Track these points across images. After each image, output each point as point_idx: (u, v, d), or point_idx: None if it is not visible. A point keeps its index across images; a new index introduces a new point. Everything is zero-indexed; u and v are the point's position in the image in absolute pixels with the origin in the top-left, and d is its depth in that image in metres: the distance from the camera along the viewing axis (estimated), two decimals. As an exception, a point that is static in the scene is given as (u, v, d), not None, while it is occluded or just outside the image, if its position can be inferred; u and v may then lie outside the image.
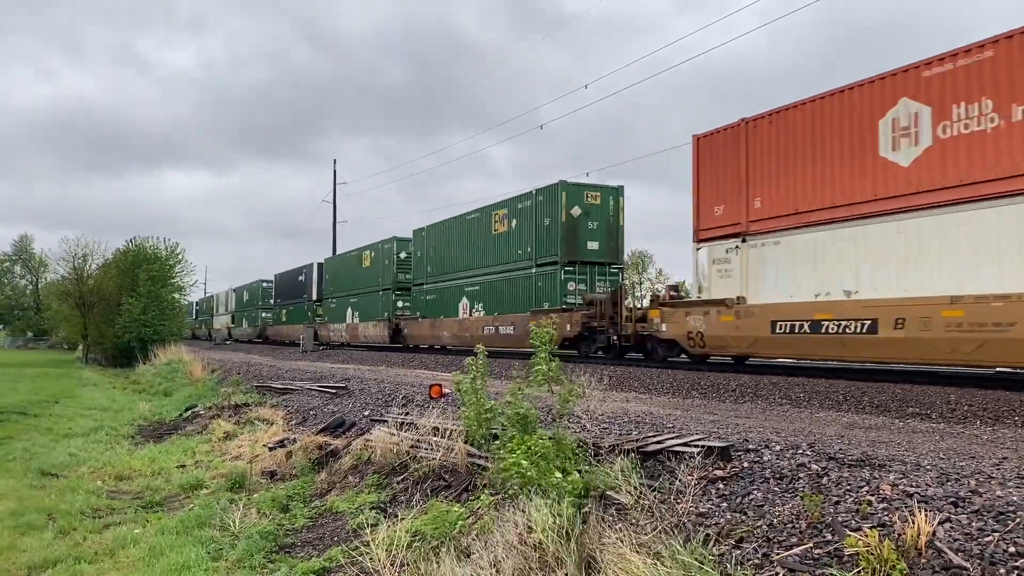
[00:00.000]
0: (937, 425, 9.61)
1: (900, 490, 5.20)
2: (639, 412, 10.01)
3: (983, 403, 10.70)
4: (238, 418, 16.84)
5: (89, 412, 21.38)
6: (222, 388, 22.98)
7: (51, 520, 9.64)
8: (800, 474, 5.90)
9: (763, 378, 14.83)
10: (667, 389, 14.85)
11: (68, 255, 55.17)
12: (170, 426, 18.48)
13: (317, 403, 15.67)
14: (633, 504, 6.12)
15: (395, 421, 11.13)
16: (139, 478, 12.42)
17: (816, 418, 10.28)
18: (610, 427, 8.44)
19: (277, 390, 18.96)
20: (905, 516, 4.74)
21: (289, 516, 9.39)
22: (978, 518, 4.64)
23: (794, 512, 5.32)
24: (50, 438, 16.32)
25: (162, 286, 48.42)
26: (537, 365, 7.89)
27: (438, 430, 9.83)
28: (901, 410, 11.05)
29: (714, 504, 5.89)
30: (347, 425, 12.81)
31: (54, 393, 26.53)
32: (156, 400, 25.26)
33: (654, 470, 6.73)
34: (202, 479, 11.79)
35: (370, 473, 10.14)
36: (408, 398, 13.25)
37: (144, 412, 21.13)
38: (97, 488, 11.63)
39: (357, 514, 8.65)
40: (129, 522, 9.69)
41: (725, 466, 6.42)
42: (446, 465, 8.95)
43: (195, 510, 9.79)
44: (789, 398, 12.76)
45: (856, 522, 4.93)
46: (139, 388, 31.24)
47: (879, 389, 12.49)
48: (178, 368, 32.92)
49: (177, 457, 13.93)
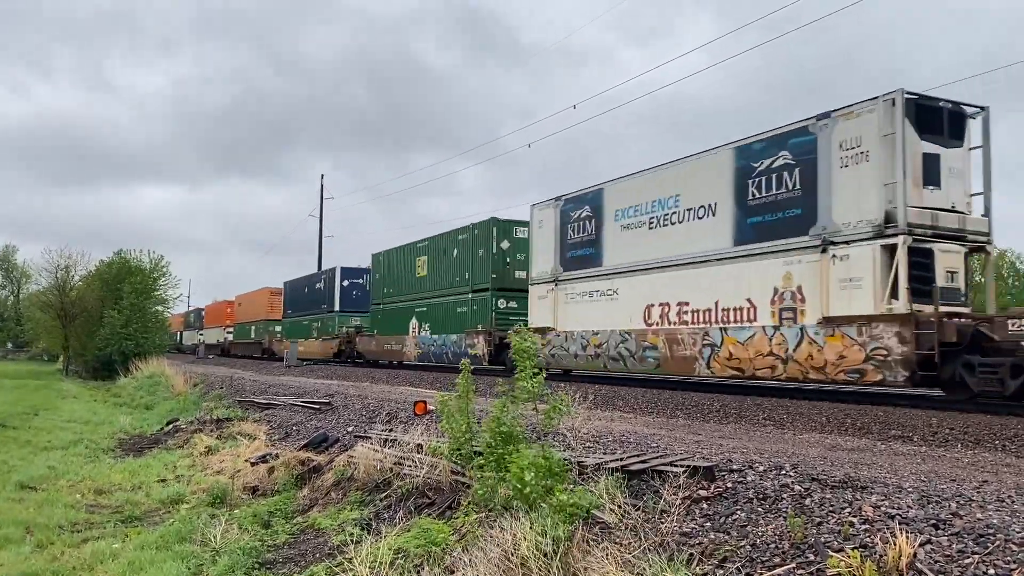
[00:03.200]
0: (919, 448, 9.68)
1: (882, 511, 5.24)
2: (624, 431, 10.02)
3: (964, 427, 10.78)
4: (220, 432, 16.71)
5: (69, 425, 21.17)
6: (204, 402, 22.81)
7: (28, 534, 9.53)
8: (783, 495, 5.93)
9: (747, 399, 14.89)
10: (652, 408, 14.87)
11: (51, 266, 54.76)
12: (151, 440, 18.31)
13: (300, 418, 15.58)
14: (618, 523, 6.13)
15: (379, 438, 11.09)
16: (119, 492, 12.30)
17: (799, 439, 10.32)
18: (595, 446, 8.45)
19: (260, 405, 18.84)
20: (887, 537, 4.77)
21: (271, 532, 9.32)
22: (959, 540, 4.68)
23: (777, 532, 5.35)
24: (29, 451, 16.14)
25: (146, 299, 48.11)
26: (520, 381, 7.89)
27: (422, 447, 9.81)
28: (883, 432, 11.12)
29: (698, 524, 5.90)
30: (330, 441, 12.75)
31: (34, 405, 26.23)
32: (137, 413, 25.03)
33: (638, 489, 6.74)
34: (183, 494, 11.70)
35: (353, 489, 10.09)
36: (392, 414, 13.21)
37: (125, 425, 20.94)
38: (76, 502, 11.51)
39: (340, 531, 8.60)
40: (108, 536, 9.59)
41: (709, 486, 6.44)
42: (430, 482, 8.92)
43: (175, 525, 9.71)
44: (773, 419, 12.81)
45: (839, 543, 4.96)
46: (120, 401, 30.96)
47: (861, 411, 12.57)
48: (160, 381, 32.66)
49: (158, 471, 13.80)
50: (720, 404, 14.49)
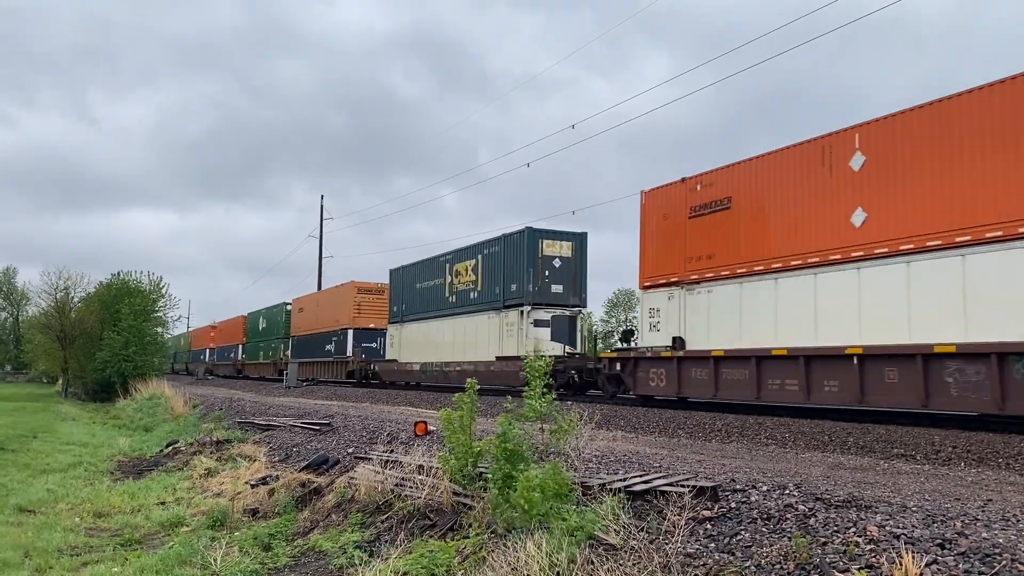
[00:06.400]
0: (922, 467, 9.65)
1: (887, 531, 5.21)
2: (626, 451, 9.99)
3: (967, 445, 10.75)
4: (220, 454, 16.64)
5: (68, 447, 21.07)
6: (204, 424, 22.73)
7: (27, 558, 9.46)
8: (787, 515, 5.90)
9: (749, 418, 14.85)
10: (653, 428, 14.83)
11: (50, 288, 54.72)
12: (151, 462, 18.23)
13: (300, 440, 15.52)
14: (622, 544, 6.09)
15: (379, 459, 11.04)
16: (118, 515, 12.22)
17: (802, 458, 10.29)
18: (598, 466, 8.42)
19: (260, 426, 18.77)
20: (893, 557, 4.75)
21: (271, 555, 9.26)
22: (965, 560, 4.65)
23: (782, 553, 5.32)
24: (28, 473, 16.06)
25: (144, 320, 48.04)
26: (529, 399, 7.86)
27: (423, 468, 9.77)
28: (886, 451, 11.09)
29: (702, 544, 5.87)
30: (330, 462, 12.70)
31: (32, 427, 26.10)
32: (136, 435, 24.92)
33: (642, 510, 6.71)
34: (183, 516, 11.63)
35: (354, 511, 10.04)
36: (393, 435, 13.16)
37: (124, 448, 20.85)
38: (75, 525, 11.43)
39: (341, 553, 8.55)
40: (107, 560, 9.52)
41: (713, 506, 6.41)
42: (431, 504, 8.87)
43: (175, 548, 9.63)
44: (775, 438, 12.78)
45: (844, 563, 4.94)
46: (119, 423, 30.83)
47: (864, 430, 12.54)
48: (159, 403, 32.54)
49: (157, 494, 13.73)
50: (722, 423, 14.45)
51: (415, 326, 32.03)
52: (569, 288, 24.95)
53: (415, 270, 32.59)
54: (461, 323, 28.19)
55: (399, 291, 33.97)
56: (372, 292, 40.43)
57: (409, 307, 32.74)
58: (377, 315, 39.13)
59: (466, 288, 28.08)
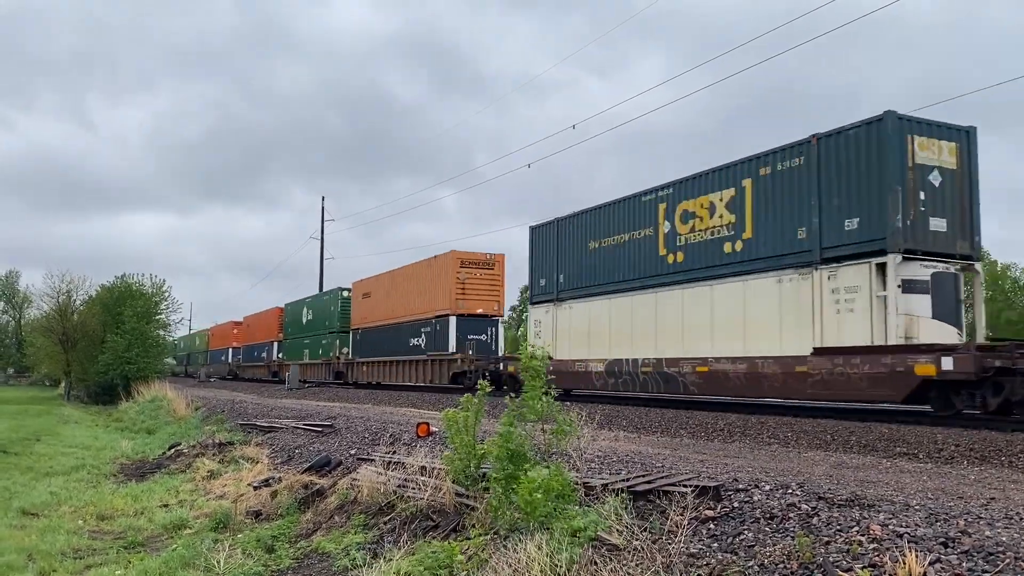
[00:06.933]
0: (924, 465, 9.64)
1: (890, 530, 5.21)
2: (629, 451, 9.99)
3: (969, 443, 10.74)
4: (222, 456, 16.65)
5: (71, 450, 21.08)
6: (206, 426, 22.73)
7: (31, 560, 9.47)
8: (790, 514, 5.90)
9: (751, 417, 14.85)
10: (656, 428, 14.83)
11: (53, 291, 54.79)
12: (153, 464, 18.23)
13: (303, 441, 15.53)
14: (625, 544, 6.09)
15: (382, 460, 11.04)
16: (121, 517, 12.23)
17: (804, 457, 10.28)
18: (600, 466, 8.41)
19: (262, 428, 18.78)
20: (896, 556, 4.75)
21: (275, 557, 9.26)
22: (968, 558, 4.65)
23: (785, 552, 5.32)
24: (31, 477, 16.06)
25: (147, 323, 48.06)
26: (529, 400, 7.85)
27: (425, 469, 9.77)
28: (889, 450, 11.08)
29: (705, 544, 5.87)
30: (333, 464, 12.70)
31: (35, 430, 26.13)
32: (139, 438, 24.94)
33: (645, 510, 6.71)
34: (186, 519, 11.63)
35: (356, 513, 10.04)
36: (395, 436, 13.17)
37: (127, 450, 20.86)
38: (78, 528, 11.44)
39: (344, 555, 8.55)
40: (111, 563, 9.53)
41: (716, 506, 6.41)
42: (434, 505, 8.87)
43: (178, 550, 9.63)
44: (777, 437, 12.77)
45: (847, 562, 4.93)
46: (122, 426, 30.85)
47: (866, 429, 12.53)
48: (162, 405, 32.56)
49: (160, 496, 13.74)
50: (725, 423, 14.44)
51: (587, 306, 21.91)
52: (955, 224, 14.61)
53: (584, 223, 22.42)
54: (702, 295, 17.87)
55: (551, 256, 23.81)
56: (480, 265, 29.94)
57: (575, 277, 22.65)
58: (487, 297, 29.93)
59: (713, 238, 17.73)
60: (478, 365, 26.92)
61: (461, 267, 29.61)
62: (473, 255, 29.93)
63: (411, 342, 32.12)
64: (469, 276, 29.64)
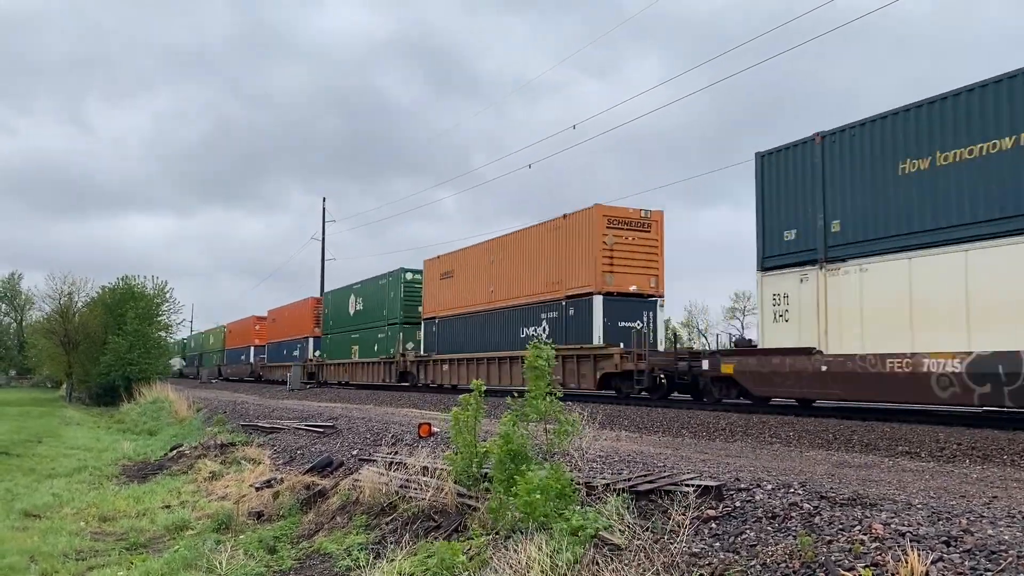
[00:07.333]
0: (927, 464, 9.63)
1: (892, 529, 5.20)
2: (630, 451, 9.99)
3: (972, 442, 10.73)
4: (224, 457, 16.66)
5: (73, 452, 21.09)
6: (208, 427, 22.75)
7: (33, 562, 9.47)
8: (792, 513, 5.89)
9: (753, 416, 14.84)
10: (657, 428, 14.82)
11: (54, 293, 54.90)
12: (155, 466, 18.25)
13: (304, 442, 15.53)
14: (627, 544, 6.08)
15: (384, 460, 11.04)
16: (123, 519, 12.24)
17: (806, 457, 10.28)
18: (602, 466, 8.41)
19: (264, 429, 18.78)
20: (898, 555, 4.74)
21: (277, 557, 9.26)
22: (971, 557, 4.64)
23: (787, 551, 5.31)
24: (33, 478, 16.08)
25: (149, 324, 48.11)
26: (532, 398, 7.85)
27: (427, 470, 9.77)
28: (891, 449, 11.07)
29: (707, 544, 5.87)
30: (335, 465, 12.71)
31: (37, 432, 26.15)
32: (141, 439, 24.95)
33: (647, 509, 6.70)
34: (187, 520, 11.63)
35: (358, 513, 10.04)
36: (397, 437, 13.17)
37: (128, 451, 20.86)
38: (80, 529, 11.45)
39: (346, 555, 8.55)
40: (113, 564, 9.53)
41: (718, 505, 6.41)
42: (436, 505, 8.87)
43: (180, 551, 9.64)
44: (779, 437, 12.76)
45: (849, 561, 4.93)
46: (124, 427, 30.87)
47: (868, 428, 12.52)
48: (163, 407, 32.58)
49: (162, 497, 13.74)
50: (726, 422, 14.43)
51: (903, 268, 13.41)
52: None
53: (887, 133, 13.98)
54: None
55: (808, 194, 15.44)
56: (632, 225, 21.80)
57: (871, 222, 14.12)
58: (642, 269, 21.89)
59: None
60: (656, 363, 19.24)
61: (608, 227, 21.31)
62: (624, 212, 21.87)
63: (524, 332, 24.11)
64: (619, 240, 21.41)
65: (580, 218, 22.23)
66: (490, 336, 26.47)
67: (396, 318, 33.93)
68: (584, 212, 22.01)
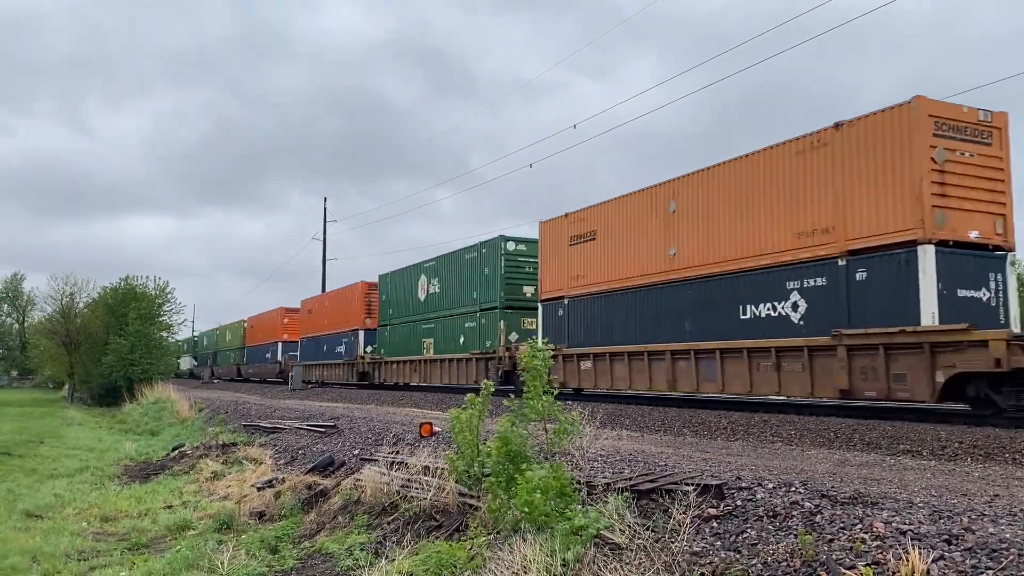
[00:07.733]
0: (928, 462, 9.62)
1: (893, 528, 5.20)
2: (632, 450, 9.98)
3: (973, 440, 10.72)
4: (226, 457, 16.67)
5: (74, 452, 21.12)
6: (209, 427, 22.76)
7: (35, 562, 9.49)
8: (793, 512, 5.89)
9: (754, 415, 14.82)
10: (659, 427, 14.81)
11: (56, 293, 54.95)
12: (157, 466, 18.27)
13: (306, 442, 15.54)
14: (628, 544, 6.08)
15: (385, 460, 11.05)
16: (125, 519, 12.25)
17: (807, 455, 10.27)
18: (603, 465, 8.41)
19: (265, 429, 18.79)
20: (899, 554, 4.74)
21: (279, 557, 9.27)
22: (972, 555, 4.64)
23: (788, 550, 5.31)
24: (35, 479, 16.10)
25: (150, 324, 48.16)
26: (530, 399, 7.84)
27: (428, 469, 9.77)
28: (892, 447, 11.06)
29: (708, 543, 5.87)
30: (336, 464, 12.71)
31: (39, 433, 26.19)
32: (143, 439, 24.98)
33: (648, 509, 6.70)
34: (189, 520, 11.65)
35: (360, 513, 10.04)
36: (399, 437, 13.17)
37: (130, 452, 20.89)
38: (82, 529, 11.46)
39: (348, 555, 8.55)
40: (115, 564, 9.54)
41: (719, 504, 6.41)
42: (437, 505, 8.88)
43: (182, 551, 9.65)
44: (780, 436, 12.75)
45: (850, 560, 4.92)
46: (125, 427, 30.92)
47: (870, 427, 12.51)
48: (165, 407, 32.61)
49: (164, 497, 13.76)
50: (727, 421, 14.42)
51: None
52: None
53: None
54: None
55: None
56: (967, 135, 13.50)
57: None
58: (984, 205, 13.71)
59: None
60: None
61: (936, 133, 13.27)
62: (957, 111, 13.64)
63: (750, 311, 15.92)
64: (951, 158, 13.35)
65: (880, 122, 13.76)
66: (664, 321, 18.19)
67: (495, 301, 25.39)
68: (891, 111, 13.55)
